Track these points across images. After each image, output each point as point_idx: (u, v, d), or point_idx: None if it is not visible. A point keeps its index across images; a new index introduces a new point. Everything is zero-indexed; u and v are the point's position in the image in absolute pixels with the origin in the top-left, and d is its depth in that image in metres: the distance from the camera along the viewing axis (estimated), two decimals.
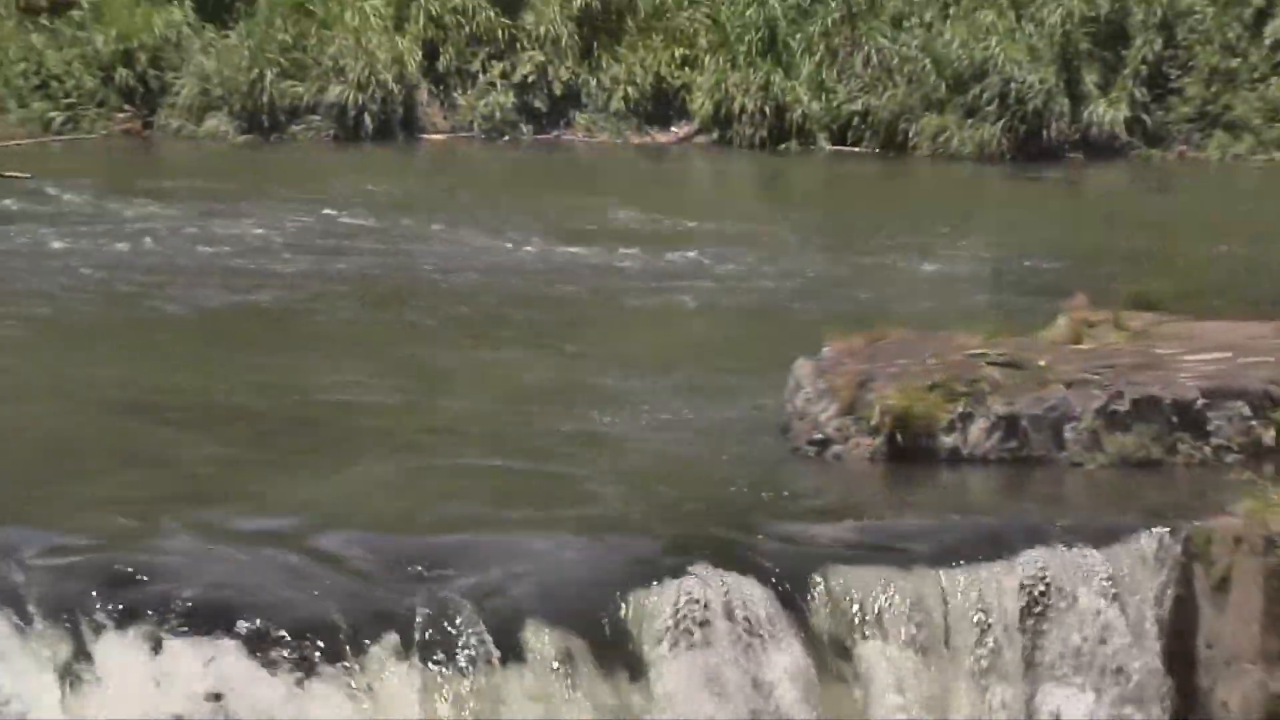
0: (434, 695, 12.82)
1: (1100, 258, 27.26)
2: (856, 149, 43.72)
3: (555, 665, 13.07)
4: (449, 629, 13.01)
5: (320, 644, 12.73)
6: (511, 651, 13.01)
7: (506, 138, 44.16)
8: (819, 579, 14.03)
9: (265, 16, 44.34)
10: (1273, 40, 43.59)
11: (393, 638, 12.90)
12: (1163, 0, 43.77)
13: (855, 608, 13.97)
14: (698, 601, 13.46)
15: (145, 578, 13.01)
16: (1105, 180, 41.13)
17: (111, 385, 19.89)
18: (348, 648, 12.78)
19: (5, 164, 36.70)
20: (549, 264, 27.76)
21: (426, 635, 12.96)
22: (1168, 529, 14.85)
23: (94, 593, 12.71)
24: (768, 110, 43.79)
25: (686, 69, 44.81)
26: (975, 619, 14.10)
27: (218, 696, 12.27)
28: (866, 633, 13.93)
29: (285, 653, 12.63)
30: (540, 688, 13.02)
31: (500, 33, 44.96)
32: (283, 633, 12.69)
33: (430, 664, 12.88)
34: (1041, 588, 14.28)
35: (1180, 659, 14.64)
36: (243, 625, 12.64)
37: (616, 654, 13.26)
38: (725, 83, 44.14)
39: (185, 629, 12.55)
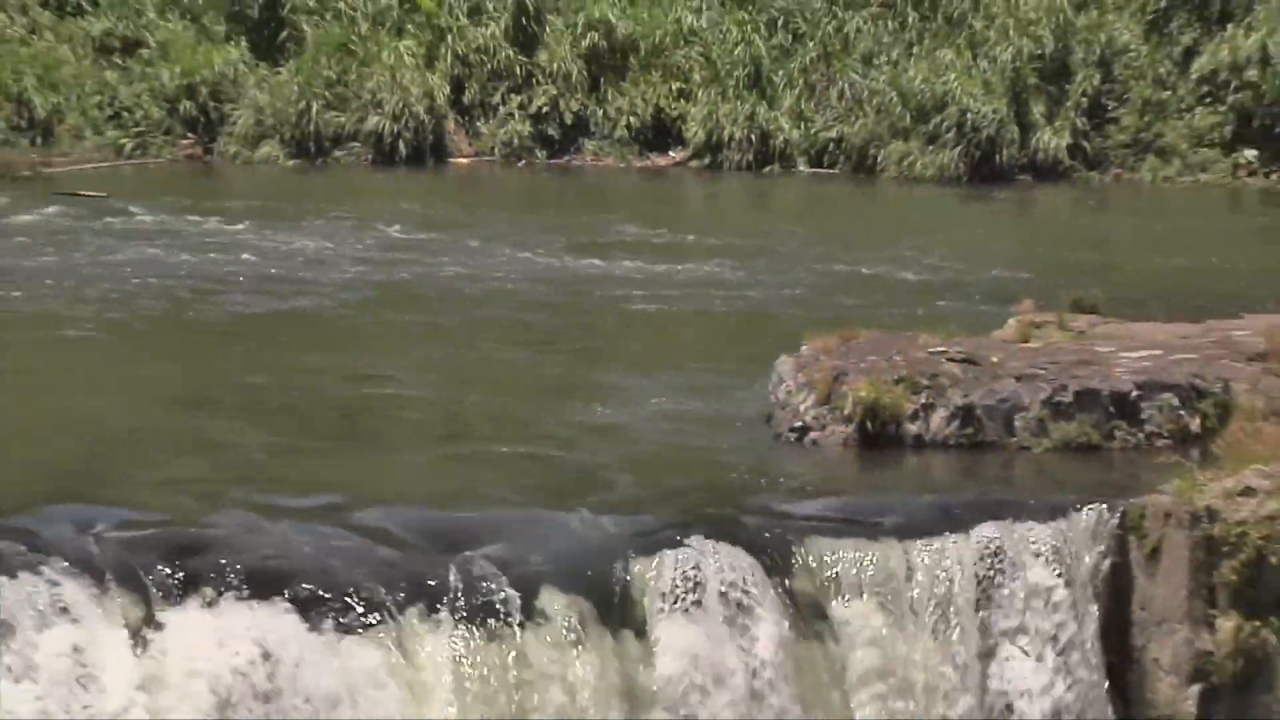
0: (461, 652, 12.85)
1: (1045, 268, 27.25)
2: (831, 171, 43.82)
3: (568, 625, 13.10)
4: (476, 593, 13.04)
5: (361, 607, 12.76)
6: (531, 613, 13.04)
7: (523, 162, 44.24)
8: (799, 549, 14.06)
9: (312, 55, 44.45)
10: (1199, 75, 43.69)
11: (426, 601, 12.91)
12: (1101, 39, 43.91)
13: (830, 574, 13.98)
14: (693, 569, 13.50)
15: (205, 549, 13.03)
16: (1050, 200, 41.17)
17: (174, 380, 19.92)
18: (386, 610, 12.80)
19: (83, 185, 36.82)
20: (563, 273, 27.78)
21: (456, 599, 12.99)
22: (1105, 505, 14.86)
23: (160, 562, 12.73)
24: (753, 137, 43.94)
25: (682, 101, 44.92)
26: (936, 585, 14.12)
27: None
28: (840, 596, 13.96)
29: (329, 614, 12.65)
30: (556, 648, 13.06)
31: (518, 69, 45.07)
32: (327, 596, 12.73)
33: (459, 624, 12.89)
34: (994, 557, 14.31)
35: (1116, 620, 14.65)
36: (291, 590, 12.68)
37: (622, 615, 13.29)
38: (716, 113, 44.24)
39: (240, 593, 12.60)
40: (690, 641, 13.28)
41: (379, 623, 12.73)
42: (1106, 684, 14.54)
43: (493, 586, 13.09)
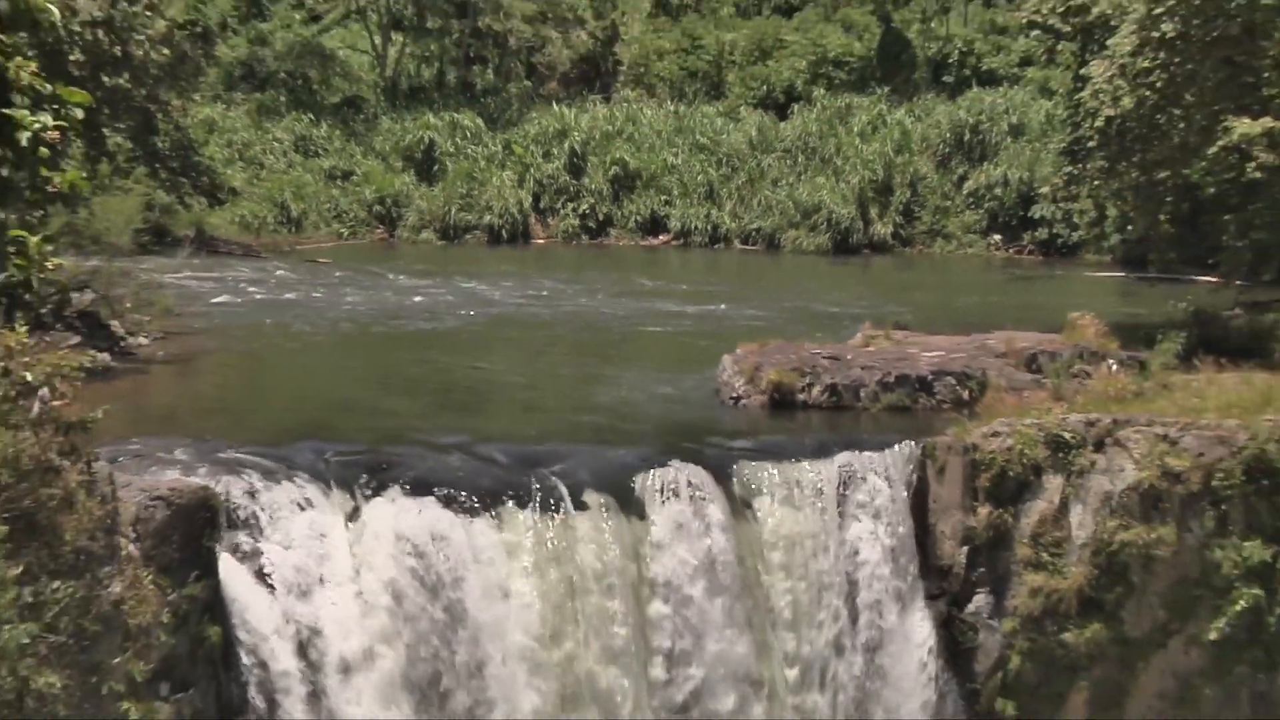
0: (538, 528, 12.87)
1: (878, 303, 27.21)
2: (754, 248, 43.73)
3: (601, 513, 13.13)
4: (546, 493, 13.07)
5: (479, 501, 12.78)
6: (578, 505, 13.08)
7: (575, 242, 44.21)
8: (734, 467, 14.10)
9: (452, 179, 44.46)
10: (968, 191, 43.75)
11: (517, 497, 12.96)
12: (910, 170, 43.92)
13: (754, 482, 14.01)
14: (672, 479, 13.53)
15: (387, 466, 13.06)
16: (881, 265, 41.03)
17: (367, 370, 19.93)
18: (493, 502, 12.85)
19: (318, 256, 36.92)
20: (597, 308, 27.74)
21: (535, 496, 13.02)
22: (914, 442, 14.89)
23: (361, 474, 12.76)
24: (708, 227, 43.94)
25: (667, 206, 44.87)
26: (815, 488, 14.13)
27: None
28: (760, 495, 13.98)
29: (460, 505, 12.68)
30: (593, 525, 13.08)
31: (571, 187, 45.07)
32: (459, 494, 12.76)
33: (536, 511, 12.94)
34: (849, 472, 14.33)
35: (919, 508, 14.66)
36: (438, 491, 12.70)
37: (632, 507, 13.32)
38: (687, 213, 44.22)
39: (409, 492, 12.62)
40: (671, 521, 13.33)
41: (489, 510, 12.78)
42: (914, 544, 14.56)
43: (556, 489, 13.14)
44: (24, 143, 4.87)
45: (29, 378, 9.51)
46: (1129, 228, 23.63)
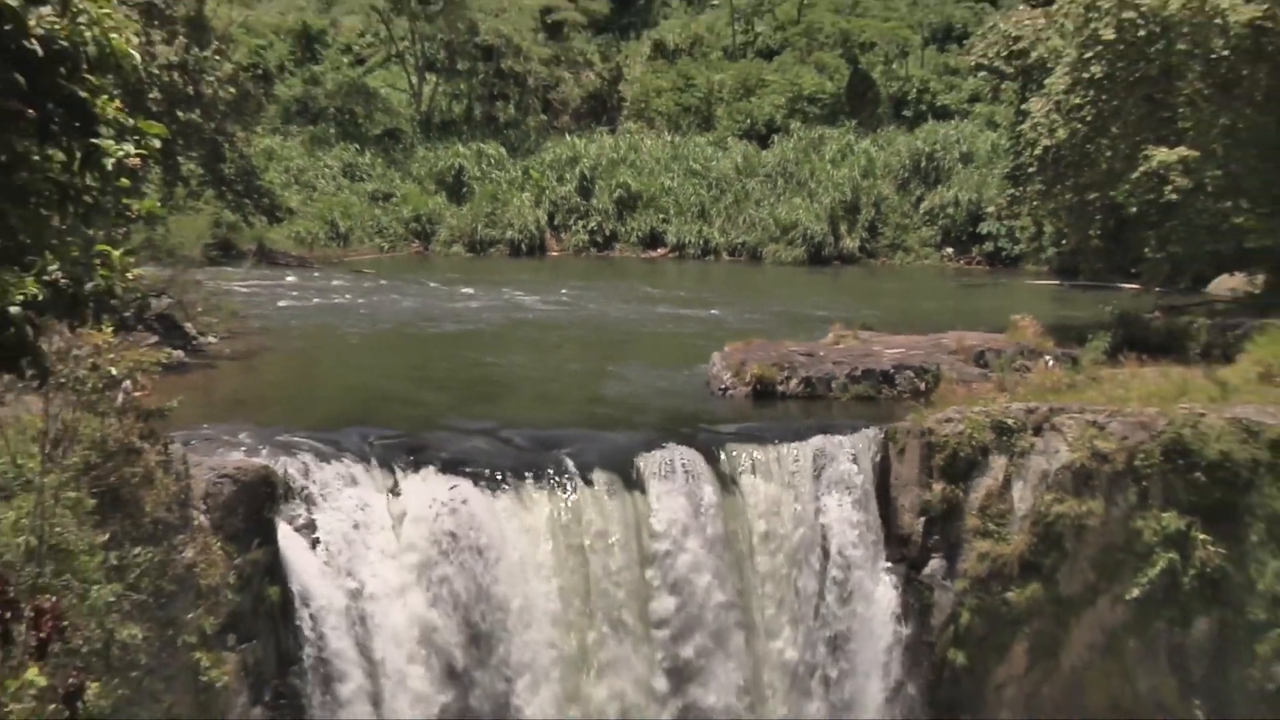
0: (553, 502, 12.89)
1: (847, 307, 27.15)
2: (739, 259, 43.65)
3: (606, 488, 13.15)
4: (560, 471, 13.08)
5: (502, 478, 12.80)
6: (587, 481, 13.10)
7: (584, 254, 44.14)
8: (723, 449, 14.12)
9: (478, 200, 44.38)
10: (924, 210, 43.62)
11: (534, 475, 12.98)
12: (875, 192, 43.81)
13: (740, 462, 14.02)
14: (669, 459, 13.55)
15: (422, 448, 13.08)
16: (850, 274, 40.95)
17: (403, 365, 19.94)
18: (514, 479, 12.87)
19: (363, 266, 36.87)
20: (605, 312, 27.70)
21: (550, 474, 13.04)
22: (878, 426, 14.90)
23: (401, 455, 12.78)
24: (701, 242, 43.84)
25: (665, 223, 44.78)
26: (792, 467, 14.14)
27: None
28: (745, 473, 13.99)
29: (486, 481, 12.70)
30: (599, 499, 13.09)
31: (581, 207, 44.98)
32: (485, 472, 12.78)
33: (551, 487, 12.96)
34: (821, 453, 14.34)
35: (882, 485, 14.68)
36: (467, 469, 12.72)
37: (634, 483, 13.34)
38: (682, 229, 44.14)
39: (441, 470, 12.62)
40: (668, 496, 13.34)
41: (510, 486, 12.80)
42: (879, 516, 14.56)
43: (568, 468, 13.16)
44: (109, 168, 4.94)
45: (114, 372, 9.56)
46: (1063, 242, 23.60)
